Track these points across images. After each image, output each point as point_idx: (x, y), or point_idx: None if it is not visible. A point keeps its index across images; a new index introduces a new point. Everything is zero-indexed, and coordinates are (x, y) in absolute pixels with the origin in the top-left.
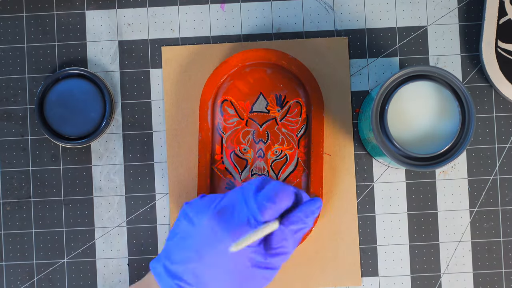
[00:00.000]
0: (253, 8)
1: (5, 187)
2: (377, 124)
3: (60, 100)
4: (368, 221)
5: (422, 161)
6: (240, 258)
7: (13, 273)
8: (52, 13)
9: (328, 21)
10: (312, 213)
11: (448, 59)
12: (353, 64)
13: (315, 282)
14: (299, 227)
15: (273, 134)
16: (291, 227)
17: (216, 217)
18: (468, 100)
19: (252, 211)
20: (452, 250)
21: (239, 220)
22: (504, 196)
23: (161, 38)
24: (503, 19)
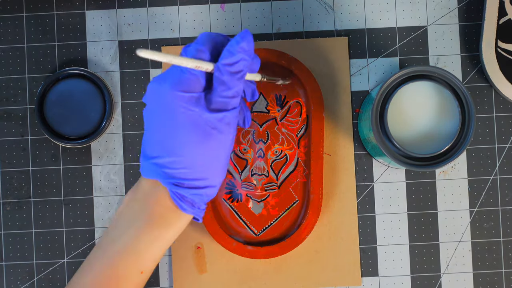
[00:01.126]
0: (253, 8)
1: (5, 187)
2: (377, 124)
3: (60, 100)
4: (368, 221)
5: (422, 161)
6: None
7: (13, 273)
8: (52, 13)
9: (328, 21)
10: (237, 42)
11: (448, 59)
12: (353, 64)
13: (315, 282)
14: (230, 60)
15: (273, 134)
16: (221, 61)
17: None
18: (468, 100)
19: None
20: (452, 250)
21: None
22: (504, 196)
23: (161, 38)
24: (503, 19)
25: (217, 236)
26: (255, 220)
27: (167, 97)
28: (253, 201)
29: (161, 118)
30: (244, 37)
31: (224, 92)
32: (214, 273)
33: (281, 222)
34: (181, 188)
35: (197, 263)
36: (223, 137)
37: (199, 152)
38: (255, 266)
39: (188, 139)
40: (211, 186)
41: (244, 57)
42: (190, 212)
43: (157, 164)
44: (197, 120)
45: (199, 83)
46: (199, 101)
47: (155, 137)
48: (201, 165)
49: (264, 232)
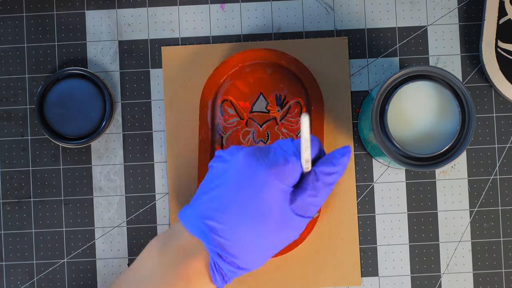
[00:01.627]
0: (253, 8)
1: (5, 187)
2: (377, 124)
3: (60, 100)
4: (368, 221)
5: (422, 161)
6: (274, 192)
7: (13, 273)
8: (52, 13)
9: (328, 21)
10: (342, 155)
11: (448, 59)
12: (353, 64)
13: (315, 282)
14: (330, 169)
15: (273, 134)
16: (321, 167)
17: (253, 151)
18: (468, 100)
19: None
20: (452, 250)
21: (275, 156)
22: (504, 196)
23: (161, 38)
24: (503, 19)
25: None
26: None
27: (260, 176)
28: None
29: (240, 189)
30: (347, 153)
31: (311, 197)
32: None
33: None
34: (222, 260)
35: None
36: (286, 238)
37: (258, 241)
38: None
39: (256, 224)
40: (247, 270)
41: (341, 171)
42: (219, 285)
43: (210, 226)
44: (274, 213)
45: (295, 178)
46: (286, 195)
47: (224, 201)
48: (254, 251)
49: None
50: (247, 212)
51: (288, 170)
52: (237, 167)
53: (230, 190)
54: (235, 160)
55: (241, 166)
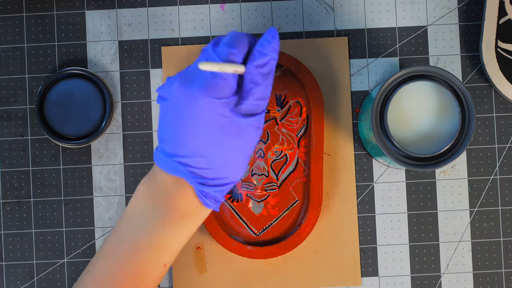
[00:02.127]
0: (253, 8)
1: (5, 187)
2: (377, 124)
3: (60, 100)
4: (368, 221)
5: (422, 161)
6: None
7: (13, 273)
8: (52, 13)
9: (328, 21)
10: (268, 42)
11: (448, 59)
12: (353, 64)
13: (315, 282)
14: (262, 60)
15: (273, 134)
16: (254, 63)
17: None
18: (468, 100)
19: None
20: (452, 250)
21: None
22: (504, 196)
23: (161, 38)
24: (503, 19)
25: (217, 236)
26: (255, 220)
27: (197, 101)
28: (253, 201)
29: (187, 120)
30: (274, 36)
31: (257, 93)
32: (214, 273)
33: (281, 222)
34: (206, 186)
35: (197, 263)
36: (251, 139)
37: (226, 154)
38: (255, 266)
39: (216, 142)
40: (233, 182)
41: (274, 56)
42: (213, 207)
43: (182, 163)
44: (228, 125)
45: (231, 87)
46: (230, 106)
47: (178, 135)
48: (227, 165)
49: (264, 232)
50: (205, 137)
51: (220, 83)
52: (177, 100)
53: (180, 124)
54: (173, 94)
55: (179, 98)
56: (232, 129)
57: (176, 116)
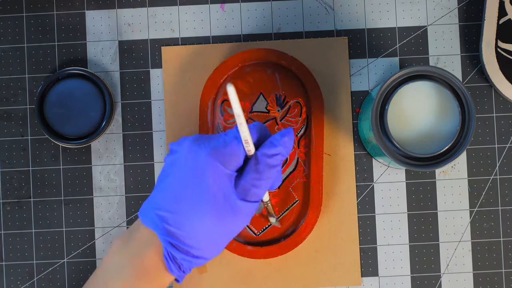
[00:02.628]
0: (253, 8)
1: (5, 187)
2: (377, 124)
3: (60, 100)
4: (368, 221)
5: (422, 161)
6: (218, 176)
7: (13, 273)
8: (52, 13)
9: (328, 21)
10: (281, 135)
11: (448, 59)
12: (353, 64)
13: (315, 282)
14: (271, 151)
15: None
16: (262, 150)
17: (198, 138)
18: (468, 100)
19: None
20: (452, 250)
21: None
22: (504, 196)
23: (161, 38)
24: (503, 19)
25: None
26: (255, 220)
27: (202, 160)
28: None
29: (186, 177)
30: (288, 133)
31: (255, 181)
32: (214, 273)
33: (281, 222)
34: (175, 249)
35: None
36: (237, 224)
37: (209, 227)
38: (255, 266)
39: (204, 210)
40: (204, 259)
41: (283, 152)
42: (175, 274)
43: (161, 216)
44: (221, 197)
45: (237, 162)
46: (231, 180)
47: (172, 190)
48: (205, 239)
49: (264, 232)
50: (194, 199)
51: (228, 152)
52: (183, 155)
53: (177, 179)
54: (181, 149)
55: (186, 154)
56: (225, 206)
57: (177, 170)
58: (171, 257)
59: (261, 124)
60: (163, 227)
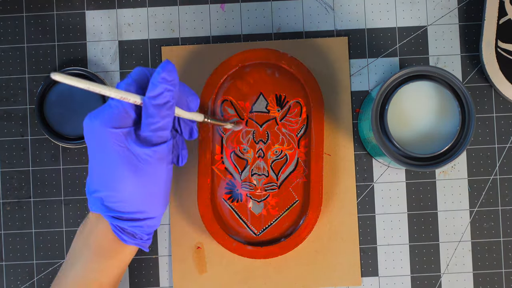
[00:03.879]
0: (253, 8)
1: (5, 187)
2: (377, 124)
3: (60, 100)
4: (368, 221)
5: (422, 161)
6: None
7: (13, 273)
8: (52, 13)
9: (328, 21)
10: (158, 73)
11: (448, 59)
12: (353, 64)
13: (315, 282)
14: (154, 92)
15: (273, 134)
16: (147, 94)
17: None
18: (468, 100)
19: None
20: (452, 250)
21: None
22: (504, 196)
23: (161, 38)
24: (503, 19)
25: (217, 236)
26: (255, 220)
27: (98, 133)
28: (253, 201)
29: (96, 153)
30: (165, 67)
31: (152, 125)
32: (214, 273)
33: (281, 222)
34: (120, 220)
35: (197, 263)
36: (155, 172)
37: (133, 187)
38: (255, 266)
39: (120, 173)
40: (151, 218)
41: (167, 87)
42: (132, 243)
43: (97, 198)
44: (128, 155)
45: (129, 117)
46: (129, 136)
47: (94, 171)
48: (137, 198)
49: (264, 232)
50: (110, 170)
51: (116, 114)
52: (85, 135)
53: (92, 159)
54: (84, 129)
55: (86, 133)
56: (133, 161)
57: (89, 151)
58: (120, 229)
59: (138, 69)
60: (102, 206)
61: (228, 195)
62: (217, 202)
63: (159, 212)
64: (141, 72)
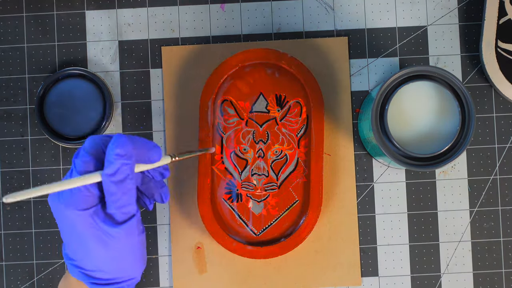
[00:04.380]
0: (253, 8)
1: (5, 187)
2: (377, 124)
3: (60, 100)
4: (368, 221)
5: (422, 161)
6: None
7: (13, 273)
8: (52, 13)
9: (328, 21)
10: (111, 149)
11: (448, 59)
12: (353, 64)
13: (315, 282)
14: (110, 169)
15: (273, 134)
16: (104, 172)
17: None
18: (468, 100)
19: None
20: (452, 250)
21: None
22: (504, 196)
23: (161, 38)
24: (503, 19)
25: (217, 236)
26: (255, 220)
27: (65, 215)
28: (253, 201)
29: (66, 229)
30: (117, 143)
31: (116, 202)
32: (214, 273)
33: (281, 222)
34: (100, 285)
35: (197, 263)
36: (126, 245)
37: (106, 258)
38: (255, 266)
39: (92, 248)
40: (130, 279)
41: (124, 162)
42: None
43: (75, 265)
44: (97, 233)
45: (93, 196)
46: (96, 215)
47: (67, 241)
48: (113, 267)
49: (264, 232)
50: (84, 245)
51: (77, 198)
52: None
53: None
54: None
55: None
56: (102, 236)
57: (59, 225)
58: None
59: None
60: (80, 273)
61: (228, 195)
62: (217, 202)
63: (138, 272)
64: (95, 143)
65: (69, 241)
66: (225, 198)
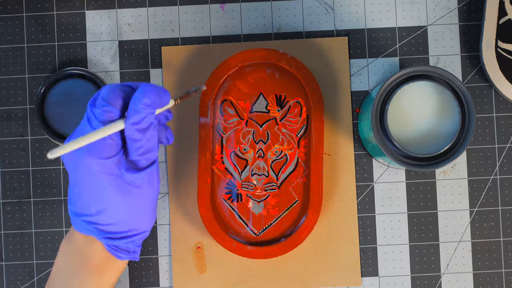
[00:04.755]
0: (253, 8)
1: (5, 187)
2: (377, 124)
3: (60, 100)
4: (368, 221)
5: (422, 161)
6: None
7: (13, 273)
8: (52, 13)
9: (328, 21)
10: (138, 99)
11: (448, 59)
12: (353, 64)
13: (315, 282)
14: (136, 118)
15: (273, 134)
16: (129, 121)
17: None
18: (468, 100)
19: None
20: (452, 250)
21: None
22: (504, 196)
23: (161, 38)
24: (503, 19)
25: (217, 236)
26: (255, 220)
27: (85, 165)
28: (253, 201)
29: (84, 181)
30: (144, 92)
31: (139, 149)
32: (214, 273)
33: (281, 222)
34: (114, 240)
35: (197, 263)
36: (146, 192)
37: (125, 209)
38: (255, 266)
39: (113, 198)
40: (143, 232)
41: (149, 111)
42: (127, 258)
43: (88, 221)
44: (119, 182)
45: (115, 145)
46: (118, 163)
47: (81, 196)
48: (130, 218)
49: (264, 232)
50: (101, 196)
51: (99, 146)
52: (71, 165)
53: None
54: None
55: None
56: (124, 185)
57: (73, 177)
58: (114, 248)
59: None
60: (94, 228)
61: (228, 195)
62: (217, 202)
63: (150, 226)
64: (113, 92)
65: (84, 194)
66: (225, 198)
